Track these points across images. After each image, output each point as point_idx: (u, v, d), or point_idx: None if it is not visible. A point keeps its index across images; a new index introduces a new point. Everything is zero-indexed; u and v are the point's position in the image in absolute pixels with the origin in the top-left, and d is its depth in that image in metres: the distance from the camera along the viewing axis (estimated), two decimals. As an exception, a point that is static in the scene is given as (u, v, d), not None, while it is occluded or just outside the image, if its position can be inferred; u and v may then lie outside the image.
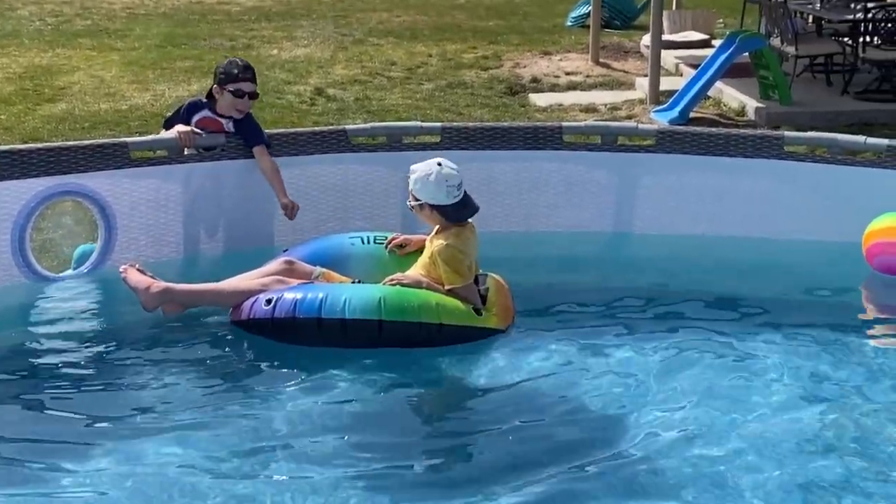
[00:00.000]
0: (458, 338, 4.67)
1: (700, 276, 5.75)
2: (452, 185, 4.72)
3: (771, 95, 9.82)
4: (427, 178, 4.73)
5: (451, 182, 4.72)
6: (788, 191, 5.94)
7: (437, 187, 4.71)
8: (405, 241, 5.16)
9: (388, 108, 10.18)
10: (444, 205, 4.74)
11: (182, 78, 11.62)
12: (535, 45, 13.75)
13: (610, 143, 6.16)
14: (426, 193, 4.74)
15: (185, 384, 4.52)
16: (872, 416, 4.26)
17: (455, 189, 4.73)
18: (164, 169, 5.77)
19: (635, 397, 4.39)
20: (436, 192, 4.72)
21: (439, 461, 4.11)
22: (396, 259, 5.10)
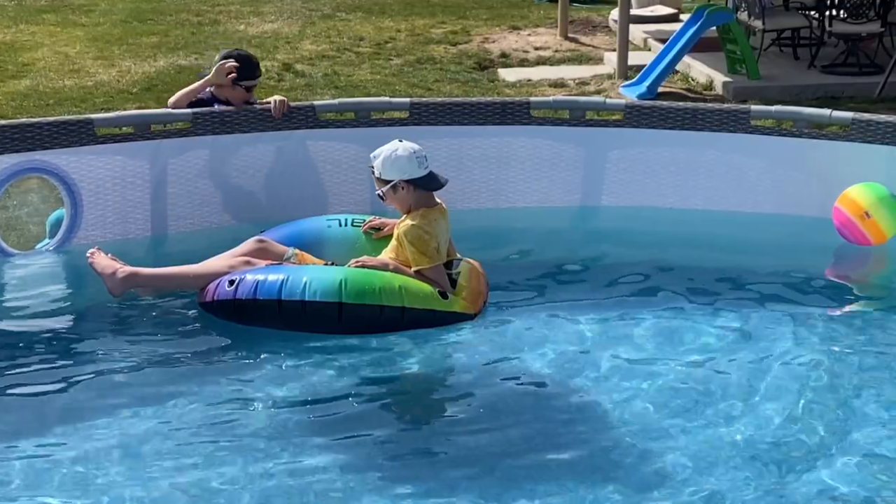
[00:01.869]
0: (423, 322, 4.58)
1: (668, 249, 5.79)
2: (421, 155, 4.71)
3: (739, 70, 9.86)
4: (394, 154, 4.69)
5: (419, 153, 4.71)
6: (755, 164, 5.98)
7: (409, 160, 4.67)
8: (382, 223, 5.09)
9: (356, 84, 10.14)
10: (417, 177, 4.69)
11: (148, 54, 11.50)
12: (504, 20, 13.71)
13: (578, 118, 6.17)
14: (397, 170, 4.69)
15: (144, 366, 4.48)
16: (840, 386, 4.34)
17: (424, 160, 4.71)
18: (131, 146, 5.73)
19: (602, 372, 4.42)
20: (407, 165, 4.68)
21: (406, 448, 4.05)
22: (373, 242, 5.04)
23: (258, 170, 5.97)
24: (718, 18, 9.87)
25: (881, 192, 5.46)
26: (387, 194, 4.74)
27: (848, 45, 10.05)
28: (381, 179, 4.74)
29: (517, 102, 6.25)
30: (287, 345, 4.58)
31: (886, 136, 5.68)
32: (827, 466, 3.76)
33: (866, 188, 5.48)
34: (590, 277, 5.43)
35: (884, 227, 5.44)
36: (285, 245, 4.98)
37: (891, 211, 5.44)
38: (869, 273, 5.68)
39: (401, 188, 4.71)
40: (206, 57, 11.31)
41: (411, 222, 4.67)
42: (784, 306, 5.03)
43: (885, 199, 5.43)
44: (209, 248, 5.15)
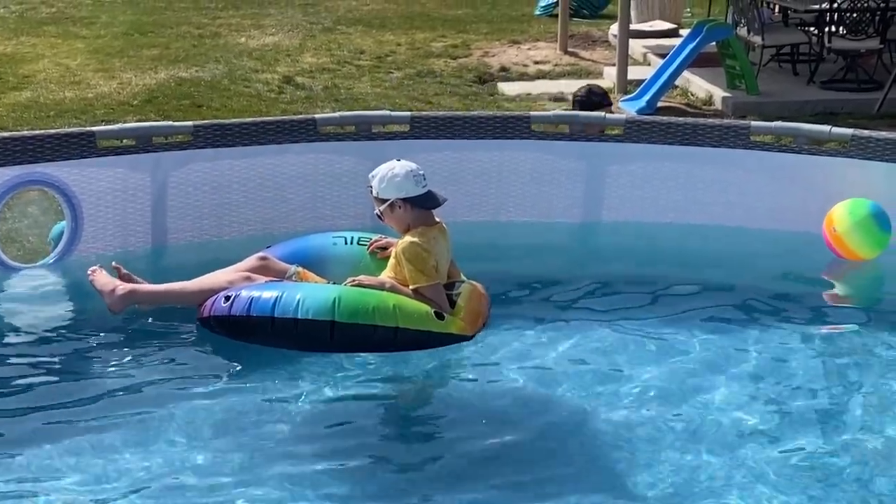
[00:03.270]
0: (417, 343, 4.49)
1: (668, 264, 5.79)
2: (418, 173, 4.66)
3: (738, 85, 9.89)
4: (391, 172, 4.64)
5: (416, 171, 4.66)
6: (755, 180, 5.99)
7: (406, 178, 4.63)
8: (387, 243, 4.98)
9: (356, 97, 10.16)
10: (414, 195, 4.66)
11: (149, 66, 11.53)
12: (504, 34, 13.75)
13: (578, 133, 6.19)
14: (394, 189, 4.65)
15: (140, 381, 4.47)
16: (835, 398, 4.37)
17: (422, 178, 4.66)
18: (132, 158, 5.74)
19: (604, 388, 4.42)
20: (404, 183, 4.64)
21: (397, 467, 4.04)
22: (378, 261, 4.95)
23: (259, 183, 5.97)
24: (718, 34, 9.91)
25: (859, 211, 5.45)
26: (384, 213, 4.72)
27: (847, 62, 10.08)
28: (379, 198, 4.72)
29: (517, 116, 6.27)
30: (282, 361, 4.56)
31: (886, 153, 5.69)
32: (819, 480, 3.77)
33: (847, 205, 5.49)
34: (589, 293, 5.42)
35: (851, 245, 5.47)
36: (289, 262, 4.93)
37: (862, 231, 5.44)
38: (865, 289, 5.68)
39: (398, 207, 4.66)
40: (206, 69, 11.35)
41: (410, 240, 4.62)
42: (782, 322, 5.04)
43: (860, 218, 5.43)
44: (209, 261, 5.15)
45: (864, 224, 5.43)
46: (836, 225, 5.49)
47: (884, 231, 5.45)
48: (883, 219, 5.45)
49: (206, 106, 9.79)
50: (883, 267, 5.58)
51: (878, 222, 5.44)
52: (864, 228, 5.44)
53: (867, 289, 5.68)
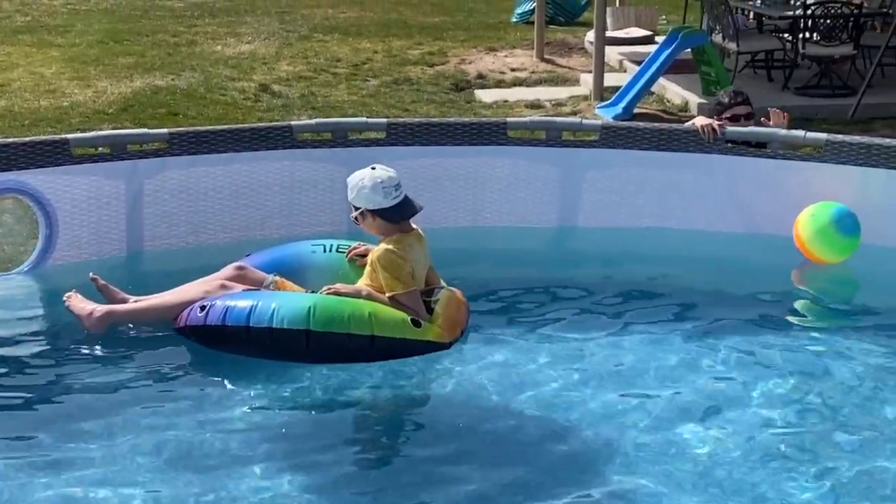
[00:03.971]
0: (393, 351, 4.46)
1: (644, 268, 5.82)
2: (389, 186, 4.57)
3: (713, 91, 9.90)
4: (361, 183, 4.60)
5: (387, 183, 4.57)
6: (730, 185, 6.02)
7: (374, 190, 4.57)
8: (366, 250, 4.93)
9: (333, 105, 10.15)
10: (383, 207, 4.61)
11: (124, 74, 11.48)
12: (481, 41, 13.78)
13: (554, 139, 6.20)
14: (363, 199, 4.60)
15: (114, 391, 4.43)
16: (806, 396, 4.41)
17: (393, 190, 4.57)
18: (107, 166, 5.71)
19: (582, 394, 4.42)
20: (373, 195, 4.58)
21: (378, 472, 4.03)
22: (357, 269, 4.90)
23: (235, 190, 5.96)
24: (693, 40, 9.96)
25: (821, 218, 5.49)
26: (358, 219, 4.71)
27: (821, 68, 10.15)
28: (353, 205, 4.73)
29: (494, 123, 6.28)
30: (258, 369, 4.53)
31: (859, 158, 5.74)
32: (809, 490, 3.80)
33: (810, 212, 5.55)
34: (566, 297, 5.44)
35: (815, 251, 5.53)
36: (268, 270, 4.90)
37: (823, 238, 5.49)
38: (836, 292, 5.72)
39: (369, 216, 4.67)
40: (182, 78, 11.31)
41: (384, 247, 4.60)
42: (756, 327, 5.05)
43: (821, 226, 5.48)
44: (185, 268, 5.13)
45: (825, 231, 5.49)
46: (801, 231, 5.55)
47: (847, 236, 5.49)
48: (846, 224, 5.48)
49: (182, 114, 9.75)
50: (857, 268, 5.62)
51: (839, 228, 5.48)
52: (825, 236, 5.49)
53: (838, 291, 5.72)
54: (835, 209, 5.52)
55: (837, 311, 5.43)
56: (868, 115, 9.29)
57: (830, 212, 5.51)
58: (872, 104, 9.40)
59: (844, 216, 5.50)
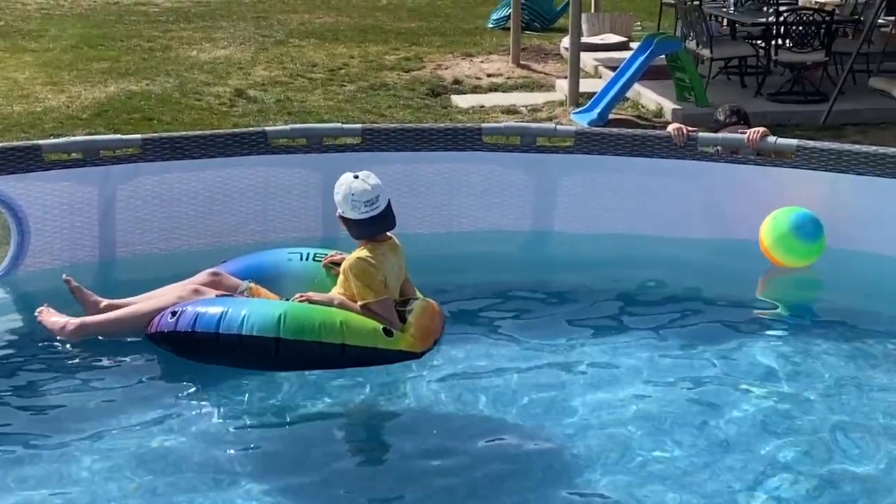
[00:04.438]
0: (364, 360, 4.41)
1: (618, 274, 5.83)
2: (360, 200, 4.51)
3: (687, 97, 10.00)
4: (338, 188, 4.58)
5: (358, 197, 4.51)
6: (703, 190, 6.06)
7: (345, 199, 4.55)
8: (342, 258, 4.87)
9: (309, 110, 10.14)
10: (350, 218, 4.58)
11: (98, 79, 11.42)
12: (457, 46, 13.81)
13: (529, 145, 6.22)
14: (338, 203, 4.59)
15: (84, 399, 4.41)
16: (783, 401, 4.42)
17: (363, 205, 4.51)
18: (79, 171, 5.68)
19: (558, 401, 4.42)
20: (343, 204, 4.56)
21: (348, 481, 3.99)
22: (333, 277, 4.86)
23: (209, 196, 5.94)
24: (667, 47, 10.01)
25: (781, 226, 5.54)
26: (338, 219, 4.72)
27: (793, 74, 10.22)
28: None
29: (469, 128, 6.29)
30: (229, 376, 4.51)
31: (830, 163, 5.78)
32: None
33: (772, 219, 5.60)
34: (541, 303, 5.45)
35: (779, 258, 5.58)
36: (243, 277, 4.88)
37: (784, 246, 5.54)
38: (809, 298, 5.77)
39: (341, 220, 4.64)
40: (157, 83, 11.26)
41: (356, 255, 4.58)
42: (728, 331, 5.07)
43: (781, 234, 5.53)
44: (158, 274, 5.10)
45: (786, 238, 5.54)
46: (764, 238, 5.61)
47: (807, 241, 5.53)
48: (806, 230, 5.53)
49: (157, 119, 9.71)
50: (828, 273, 5.67)
51: (799, 234, 5.52)
52: (786, 242, 5.55)
53: (809, 296, 5.76)
54: (795, 215, 5.57)
55: (809, 315, 5.46)
56: (840, 122, 9.37)
57: (791, 218, 5.56)
58: (844, 110, 9.48)
59: (804, 222, 5.54)
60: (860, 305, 5.41)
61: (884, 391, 4.50)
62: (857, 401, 4.41)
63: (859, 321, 5.22)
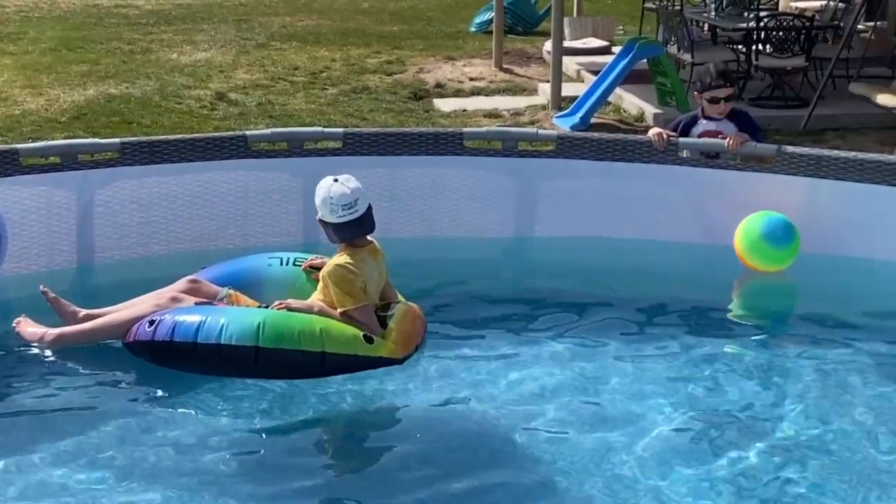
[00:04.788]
0: (344, 367, 4.39)
1: (599, 279, 5.83)
2: (337, 204, 4.50)
3: (669, 101, 10.01)
4: (318, 190, 4.58)
5: (336, 201, 4.49)
6: (684, 195, 6.06)
7: (323, 203, 4.54)
8: (322, 263, 4.85)
9: (290, 114, 10.10)
10: (329, 222, 4.56)
11: (77, 82, 11.35)
12: (439, 50, 13.80)
13: (511, 149, 6.21)
14: (318, 207, 4.58)
15: (60, 409, 4.37)
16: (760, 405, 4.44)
17: (341, 209, 4.50)
18: (57, 176, 5.64)
19: (538, 406, 4.41)
20: (322, 208, 4.55)
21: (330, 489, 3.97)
22: (314, 282, 4.83)
23: (188, 200, 5.90)
24: (649, 51, 10.02)
25: (752, 233, 5.57)
26: (318, 224, 4.70)
27: (774, 79, 10.26)
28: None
29: (450, 133, 6.27)
30: (209, 383, 4.48)
31: (810, 168, 5.80)
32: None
33: (744, 226, 5.62)
34: (521, 308, 5.44)
35: (753, 263, 5.62)
36: (223, 284, 4.84)
37: (756, 252, 5.57)
38: (787, 303, 5.79)
39: (320, 224, 4.63)
40: (137, 86, 11.20)
41: (335, 262, 4.55)
42: (709, 337, 5.08)
43: (752, 240, 5.56)
44: (137, 279, 5.07)
45: (757, 243, 5.57)
46: (737, 243, 5.64)
47: (779, 246, 5.54)
48: (777, 235, 5.54)
49: (137, 123, 9.66)
50: (806, 278, 5.68)
51: (769, 239, 5.54)
52: (757, 247, 5.57)
53: (788, 301, 5.79)
54: (766, 220, 5.59)
55: (785, 320, 5.48)
56: (820, 127, 9.40)
57: (762, 223, 5.58)
58: (824, 115, 9.52)
59: (775, 227, 5.56)
60: (839, 311, 5.41)
61: (862, 396, 4.51)
62: (832, 406, 4.42)
63: (837, 327, 5.23)
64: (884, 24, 11.02)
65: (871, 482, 3.86)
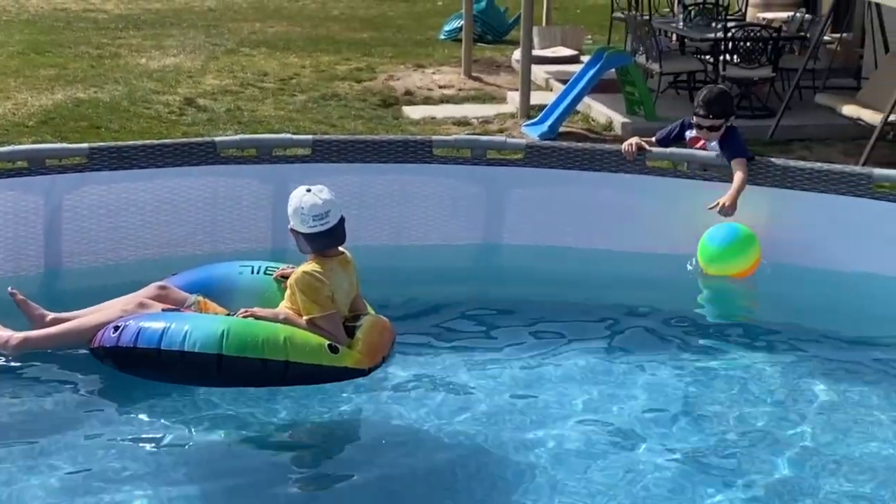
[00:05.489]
0: (308, 377, 4.36)
1: (567, 287, 5.86)
2: (308, 214, 4.46)
3: (637, 111, 10.09)
4: (290, 199, 4.55)
5: (307, 211, 4.46)
6: (651, 204, 6.10)
7: (295, 213, 4.51)
8: (293, 272, 4.77)
9: (259, 120, 10.08)
10: (299, 231, 4.53)
11: (45, 86, 11.27)
12: (409, 57, 13.82)
13: (480, 157, 6.24)
14: (290, 216, 4.55)
15: (20, 415, 4.35)
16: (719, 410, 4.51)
17: (311, 219, 4.47)
18: (24, 180, 5.61)
19: (506, 414, 4.44)
20: (293, 217, 4.53)
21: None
22: (284, 290, 4.75)
23: (156, 206, 5.89)
24: (617, 61, 10.10)
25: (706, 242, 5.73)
26: (289, 232, 4.68)
27: (741, 89, 10.36)
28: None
29: (419, 141, 6.29)
30: (175, 392, 4.47)
31: (776, 179, 5.87)
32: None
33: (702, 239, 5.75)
34: (490, 316, 5.46)
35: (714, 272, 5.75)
36: (193, 291, 4.81)
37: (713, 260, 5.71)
38: (749, 312, 5.88)
39: (291, 232, 4.60)
40: (105, 90, 11.14)
41: (302, 270, 4.53)
42: (671, 344, 5.13)
43: (710, 251, 5.71)
44: (105, 285, 5.05)
45: (712, 255, 5.71)
46: (700, 261, 5.78)
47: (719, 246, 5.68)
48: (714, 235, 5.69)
49: (105, 127, 9.60)
50: (771, 287, 5.74)
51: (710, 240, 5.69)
52: (714, 258, 5.71)
53: (750, 310, 5.87)
54: (716, 227, 5.72)
55: (750, 329, 5.50)
56: (786, 137, 9.51)
57: (711, 231, 5.72)
58: (791, 126, 9.62)
59: (715, 230, 5.70)
60: (803, 320, 5.47)
61: (823, 403, 4.58)
62: (794, 413, 4.48)
63: (804, 335, 5.28)
64: (850, 35, 11.16)
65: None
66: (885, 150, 8.78)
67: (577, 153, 6.19)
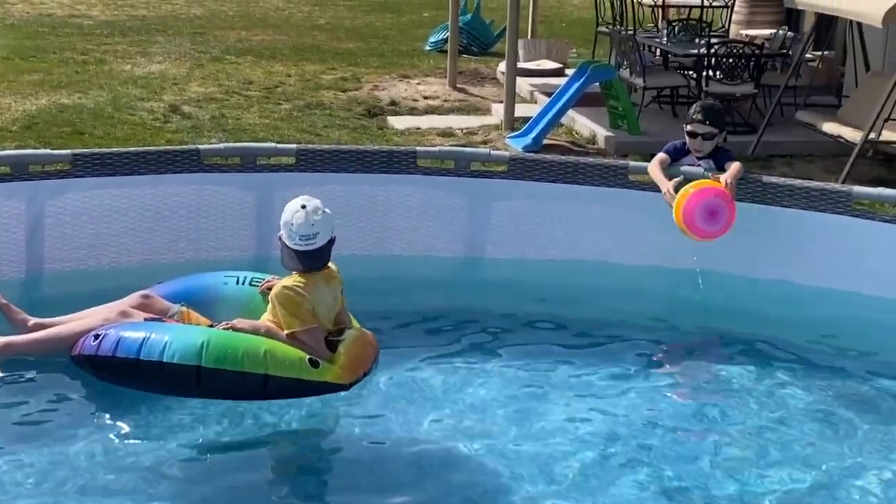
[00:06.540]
0: (288, 391, 4.34)
1: (551, 300, 5.88)
2: (296, 232, 4.45)
3: (620, 125, 10.15)
4: (284, 211, 4.54)
5: (296, 229, 4.45)
6: (633, 218, 6.13)
7: (284, 225, 4.51)
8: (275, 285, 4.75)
9: (244, 128, 10.09)
10: (286, 244, 4.52)
11: (30, 91, 11.24)
12: (394, 68, 13.86)
13: (463, 169, 6.26)
14: (281, 225, 4.54)
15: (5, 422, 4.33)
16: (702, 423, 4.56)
17: (298, 238, 4.45)
18: (7, 186, 5.60)
19: (487, 427, 4.45)
20: (283, 228, 4.53)
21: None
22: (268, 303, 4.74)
23: (140, 213, 5.88)
24: (601, 75, 10.16)
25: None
26: (276, 240, 4.68)
27: (723, 105, 10.42)
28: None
29: (403, 151, 6.31)
30: (154, 401, 4.45)
31: (756, 195, 5.91)
32: None
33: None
34: (473, 328, 5.47)
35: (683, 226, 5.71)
36: (177, 300, 4.80)
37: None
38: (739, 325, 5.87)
39: (279, 241, 4.60)
40: (90, 96, 11.12)
41: (283, 283, 4.52)
42: (654, 355, 5.19)
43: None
44: (86, 292, 5.04)
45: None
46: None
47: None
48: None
49: (89, 133, 9.58)
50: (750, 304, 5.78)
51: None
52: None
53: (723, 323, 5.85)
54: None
55: (732, 343, 5.55)
56: (767, 153, 9.58)
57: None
58: (772, 142, 9.70)
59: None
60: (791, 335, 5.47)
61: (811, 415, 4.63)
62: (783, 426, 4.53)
63: (782, 349, 5.32)
64: (831, 53, 11.26)
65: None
66: (865, 168, 8.87)
67: (561, 166, 6.22)
